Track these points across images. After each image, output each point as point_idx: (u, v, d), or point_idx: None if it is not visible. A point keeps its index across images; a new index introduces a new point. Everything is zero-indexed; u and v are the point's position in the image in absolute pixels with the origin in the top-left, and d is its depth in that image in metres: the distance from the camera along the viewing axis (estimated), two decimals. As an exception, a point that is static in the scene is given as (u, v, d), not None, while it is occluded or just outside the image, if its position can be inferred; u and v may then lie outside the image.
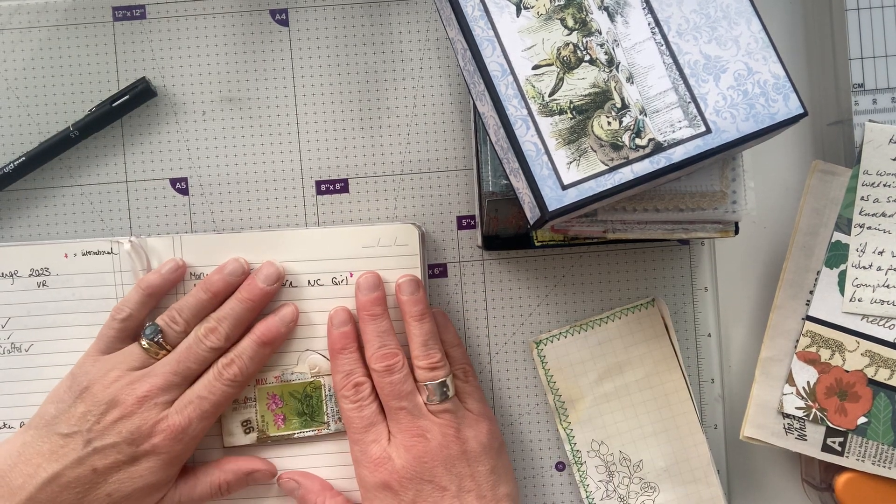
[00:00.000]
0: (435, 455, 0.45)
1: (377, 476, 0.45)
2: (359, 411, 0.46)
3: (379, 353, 0.47)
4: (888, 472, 0.49)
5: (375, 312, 0.48)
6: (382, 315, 0.48)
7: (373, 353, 0.47)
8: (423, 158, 0.52)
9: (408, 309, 0.48)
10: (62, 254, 0.50)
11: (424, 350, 0.47)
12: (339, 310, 0.49)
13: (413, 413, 0.46)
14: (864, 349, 0.49)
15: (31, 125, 0.52)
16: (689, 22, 0.40)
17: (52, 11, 0.52)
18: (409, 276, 0.49)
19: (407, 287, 0.48)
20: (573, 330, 0.52)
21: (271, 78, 0.52)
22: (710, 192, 0.43)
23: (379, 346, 0.47)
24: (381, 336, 0.47)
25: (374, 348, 0.47)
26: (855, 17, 0.51)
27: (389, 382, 0.46)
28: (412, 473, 0.45)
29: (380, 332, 0.47)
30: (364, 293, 0.48)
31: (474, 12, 0.40)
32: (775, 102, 0.39)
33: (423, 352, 0.47)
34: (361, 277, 0.48)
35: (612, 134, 0.39)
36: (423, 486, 0.45)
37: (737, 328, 0.54)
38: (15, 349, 0.50)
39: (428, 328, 0.48)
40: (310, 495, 0.48)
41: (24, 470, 0.44)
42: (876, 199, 0.49)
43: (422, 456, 0.45)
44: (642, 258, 0.53)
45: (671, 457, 0.51)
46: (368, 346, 0.47)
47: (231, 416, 0.49)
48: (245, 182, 0.52)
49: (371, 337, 0.47)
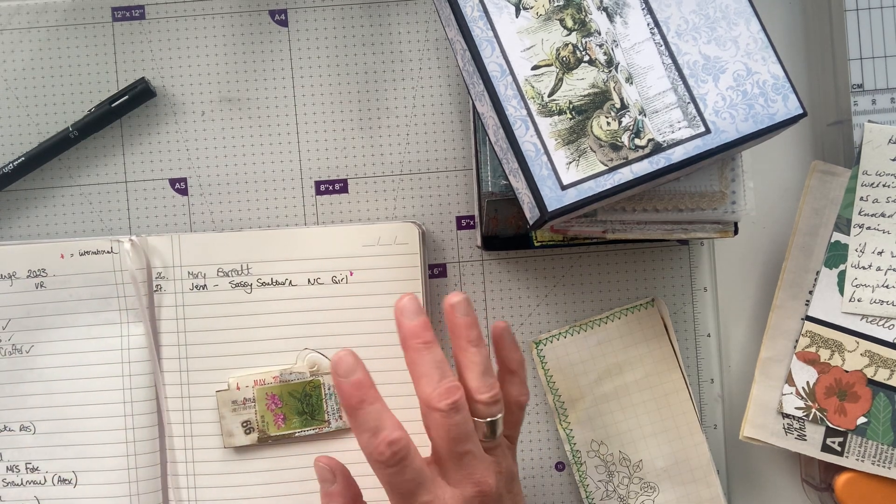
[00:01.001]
0: (490, 502, 0.40)
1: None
2: (402, 475, 0.39)
3: (441, 387, 0.39)
4: (888, 472, 0.49)
5: (427, 339, 0.40)
6: (434, 342, 0.40)
7: (433, 390, 0.39)
8: (422, 158, 0.52)
9: (464, 333, 0.41)
10: (58, 254, 0.49)
11: (485, 381, 0.40)
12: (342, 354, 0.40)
13: (478, 456, 0.40)
14: (864, 349, 0.49)
15: (31, 125, 0.52)
16: (688, 22, 0.40)
17: (52, 12, 0.52)
18: (460, 294, 0.42)
19: (461, 308, 0.41)
20: (573, 330, 0.52)
21: (271, 78, 0.52)
22: (709, 192, 0.44)
23: (439, 378, 0.39)
24: (440, 367, 0.40)
25: (435, 382, 0.39)
26: (854, 17, 0.51)
27: (455, 424, 0.39)
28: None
29: (437, 362, 0.40)
30: (410, 318, 0.40)
31: (473, 13, 0.40)
32: (774, 103, 0.39)
33: (484, 383, 0.40)
34: (400, 301, 0.41)
35: (611, 134, 0.39)
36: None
37: (736, 328, 0.54)
38: (16, 351, 0.50)
39: (486, 354, 0.41)
40: (337, 499, 0.44)
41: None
42: (875, 200, 0.49)
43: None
44: (642, 258, 0.53)
45: (671, 457, 0.51)
46: (425, 381, 0.39)
47: (231, 417, 0.49)
48: (244, 182, 0.52)
49: (428, 369, 0.39)
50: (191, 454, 0.50)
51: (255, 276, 0.50)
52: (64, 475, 0.50)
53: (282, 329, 0.50)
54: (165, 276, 0.50)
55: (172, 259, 0.50)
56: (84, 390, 0.49)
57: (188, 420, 0.50)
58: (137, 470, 0.49)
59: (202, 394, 0.50)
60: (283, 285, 0.50)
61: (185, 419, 0.50)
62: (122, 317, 0.50)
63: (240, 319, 0.50)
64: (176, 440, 0.50)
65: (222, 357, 0.50)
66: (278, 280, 0.50)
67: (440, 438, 0.39)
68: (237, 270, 0.50)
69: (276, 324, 0.50)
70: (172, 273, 0.50)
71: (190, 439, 0.50)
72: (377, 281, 0.50)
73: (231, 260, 0.50)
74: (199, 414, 0.50)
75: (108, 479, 0.49)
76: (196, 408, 0.50)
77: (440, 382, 0.39)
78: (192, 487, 0.50)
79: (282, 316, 0.50)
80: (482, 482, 0.40)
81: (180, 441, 0.50)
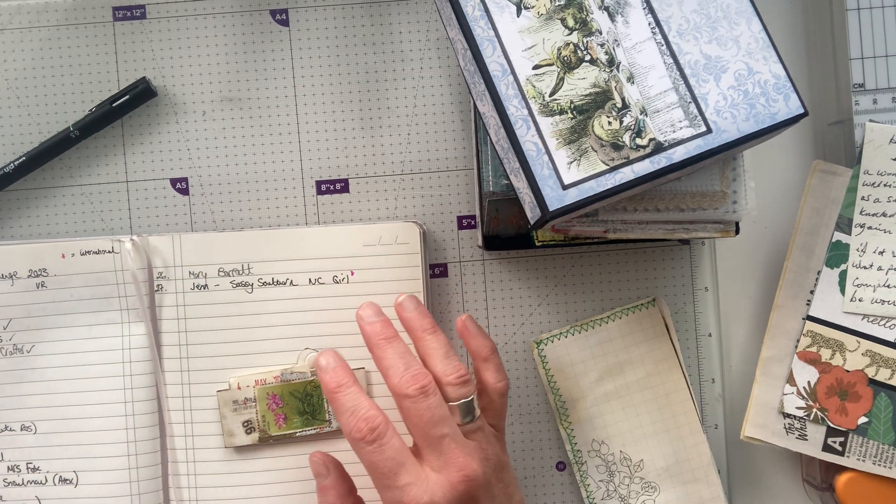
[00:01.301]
0: (477, 488, 0.40)
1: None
2: (381, 453, 0.40)
3: (407, 374, 0.41)
4: (889, 471, 0.49)
5: (389, 334, 0.43)
6: (396, 336, 0.43)
7: (400, 378, 0.41)
8: (423, 158, 0.52)
9: (417, 324, 0.43)
10: (59, 254, 0.49)
11: (448, 363, 0.42)
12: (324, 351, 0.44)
13: (456, 440, 0.40)
14: (865, 349, 0.49)
15: (32, 125, 0.52)
16: (689, 22, 0.40)
17: (53, 11, 0.52)
18: (404, 294, 0.45)
19: (409, 303, 0.44)
20: (573, 330, 0.52)
21: (271, 78, 0.52)
22: (710, 191, 0.43)
23: (404, 367, 0.41)
24: (404, 357, 0.42)
25: (401, 371, 0.41)
26: (855, 17, 0.51)
27: (427, 407, 0.40)
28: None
29: (400, 353, 0.42)
30: (370, 319, 0.43)
31: (474, 12, 0.40)
32: (776, 102, 0.39)
33: (448, 365, 0.42)
34: (361, 310, 0.44)
35: (612, 134, 0.39)
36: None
37: (737, 328, 0.54)
38: (17, 351, 0.50)
39: (444, 339, 0.43)
40: (331, 492, 0.45)
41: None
42: (876, 199, 0.49)
43: (469, 492, 0.40)
44: (643, 258, 0.53)
45: (672, 456, 0.51)
46: (392, 372, 0.41)
47: (232, 417, 0.49)
48: (245, 182, 0.52)
49: (392, 361, 0.41)
50: (191, 454, 0.50)
51: (256, 275, 0.50)
52: (65, 475, 0.50)
53: (283, 329, 0.50)
54: (166, 275, 0.50)
55: (174, 259, 0.50)
56: (85, 390, 0.49)
57: (189, 420, 0.50)
58: (138, 469, 0.49)
59: (203, 393, 0.50)
60: (284, 285, 0.50)
61: (185, 419, 0.50)
62: (123, 316, 0.50)
63: (241, 319, 0.50)
64: (177, 440, 0.50)
65: (223, 357, 0.50)
66: (279, 280, 0.50)
67: (415, 426, 0.40)
68: (238, 270, 0.50)
69: (277, 323, 0.50)
70: (173, 273, 0.50)
71: (191, 439, 0.50)
72: (378, 281, 0.50)
73: (232, 260, 0.50)
74: (199, 413, 0.50)
75: (109, 478, 0.49)
76: (197, 407, 0.50)
77: (406, 371, 0.41)
78: (193, 487, 0.50)
79: (283, 316, 0.50)
80: (466, 466, 0.40)
81: (181, 441, 0.50)
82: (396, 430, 0.41)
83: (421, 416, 0.40)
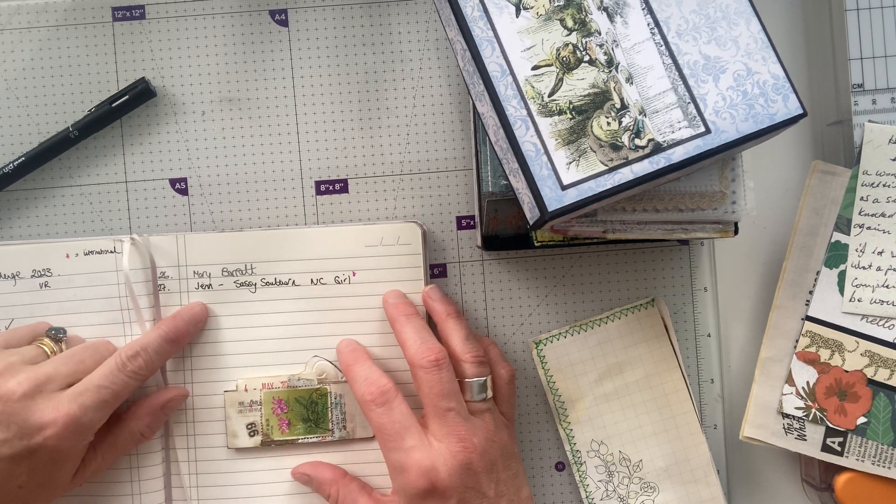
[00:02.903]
0: (479, 462, 0.43)
1: (420, 484, 0.42)
2: (389, 415, 0.44)
3: (423, 347, 0.44)
4: (888, 472, 0.49)
5: (409, 312, 0.47)
6: (416, 314, 0.47)
7: (416, 350, 0.44)
8: (422, 158, 0.52)
9: (443, 308, 0.47)
10: (64, 254, 0.50)
11: (468, 345, 0.46)
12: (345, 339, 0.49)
13: (461, 414, 0.44)
14: (864, 349, 0.49)
15: (31, 125, 0.52)
16: (688, 22, 0.40)
17: (52, 12, 0.52)
18: (432, 285, 0.49)
19: (435, 293, 0.48)
20: (573, 330, 0.52)
21: (271, 78, 0.52)
22: (709, 192, 0.44)
23: (421, 342, 0.45)
24: (420, 332, 0.46)
25: (417, 344, 0.45)
26: (855, 17, 0.51)
27: (439, 380, 0.43)
28: (458, 482, 0.43)
29: (418, 328, 0.46)
30: (393, 300, 0.48)
31: (474, 13, 0.40)
32: (775, 103, 0.39)
33: (467, 346, 0.46)
34: (386, 294, 0.49)
35: (611, 134, 0.39)
36: (466, 493, 0.43)
37: (736, 328, 0.54)
38: (16, 349, 0.50)
39: (466, 324, 0.47)
40: (323, 486, 0.48)
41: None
42: (875, 200, 0.49)
43: (468, 464, 0.43)
44: (642, 258, 0.53)
45: (671, 457, 0.51)
46: (409, 345, 0.45)
47: (237, 418, 0.50)
48: (245, 182, 0.52)
49: (410, 335, 0.45)
50: (193, 453, 0.50)
51: (259, 275, 0.50)
52: (65, 475, 0.50)
53: (285, 329, 0.50)
54: (170, 275, 0.50)
55: (177, 259, 0.50)
56: (85, 390, 0.49)
57: (191, 419, 0.50)
58: (140, 469, 0.49)
59: (206, 392, 0.50)
60: (287, 285, 0.50)
61: (188, 418, 0.50)
62: (127, 316, 0.50)
63: (244, 319, 0.50)
64: (179, 440, 0.50)
65: (226, 356, 0.50)
66: (282, 280, 0.50)
67: (426, 396, 0.44)
68: (241, 270, 0.50)
69: (279, 323, 0.50)
70: (177, 273, 0.50)
71: (193, 438, 0.50)
72: (380, 281, 0.50)
73: (235, 259, 0.50)
74: (202, 413, 0.50)
75: (111, 477, 0.49)
76: (199, 406, 0.50)
77: (422, 344, 0.45)
78: (195, 486, 0.50)
79: (285, 316, 0.50)
80: (466, 439, 0.43)
81: (182, 441, 0.50)
82: (405, 400, 0.44)
83: (432, 387, 0.43)
